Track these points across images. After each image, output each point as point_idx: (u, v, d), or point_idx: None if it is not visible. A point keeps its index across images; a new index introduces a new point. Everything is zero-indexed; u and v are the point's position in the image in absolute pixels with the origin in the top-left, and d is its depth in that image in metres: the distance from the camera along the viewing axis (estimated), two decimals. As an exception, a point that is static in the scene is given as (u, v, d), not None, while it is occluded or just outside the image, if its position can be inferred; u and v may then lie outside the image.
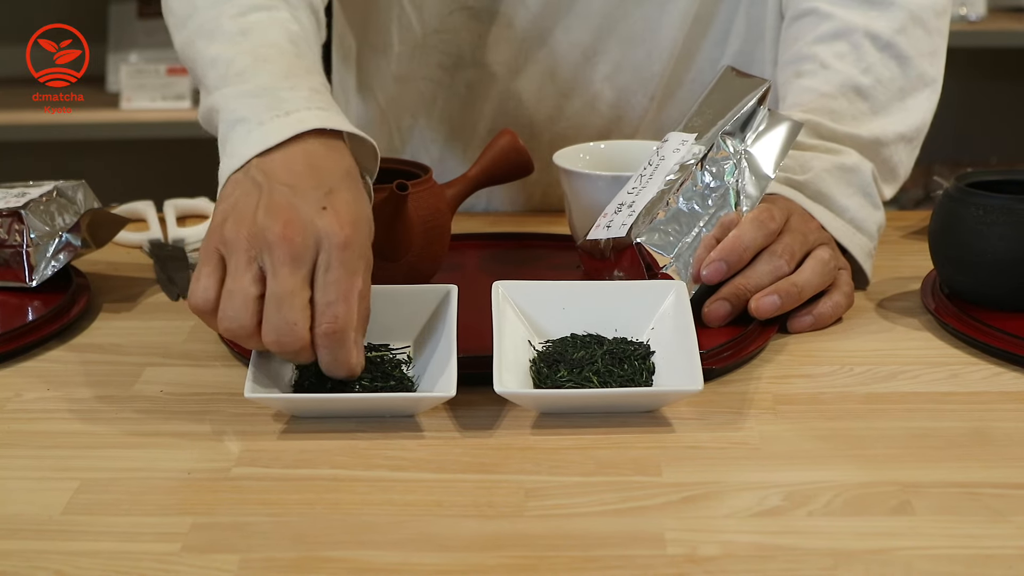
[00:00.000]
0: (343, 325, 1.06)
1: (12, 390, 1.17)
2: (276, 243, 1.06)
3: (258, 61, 1.22)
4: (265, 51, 1.23)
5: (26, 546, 0.92)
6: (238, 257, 1.07)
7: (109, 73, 3.16)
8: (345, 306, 1.06)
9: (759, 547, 0.91)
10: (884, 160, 1.40)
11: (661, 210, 1.25)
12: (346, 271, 1.07)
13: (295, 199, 1.09)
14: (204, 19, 1.28)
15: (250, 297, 1.07)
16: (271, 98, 1.17)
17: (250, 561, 0.90)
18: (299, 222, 1.07)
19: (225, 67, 1.22)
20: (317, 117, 1.15)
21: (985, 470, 1.02)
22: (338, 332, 1.06)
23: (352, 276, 1.07)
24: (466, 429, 1.08)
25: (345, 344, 1.07)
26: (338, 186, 1.11)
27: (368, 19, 1.65)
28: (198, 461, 1.04)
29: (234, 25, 1.26)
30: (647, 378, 1.13)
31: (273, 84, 1.19)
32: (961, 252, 1.26)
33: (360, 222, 1.09)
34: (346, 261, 1.07)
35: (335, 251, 1.07)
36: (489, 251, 1.48)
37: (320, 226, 1.07)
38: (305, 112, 1.16)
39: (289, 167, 1.12)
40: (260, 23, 1.26)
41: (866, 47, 1.42)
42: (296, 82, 1.20)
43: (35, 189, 1.38)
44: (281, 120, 1.15)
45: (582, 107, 1.62)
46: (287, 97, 1.17)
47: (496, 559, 0.91)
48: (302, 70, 1.22)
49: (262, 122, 1.15)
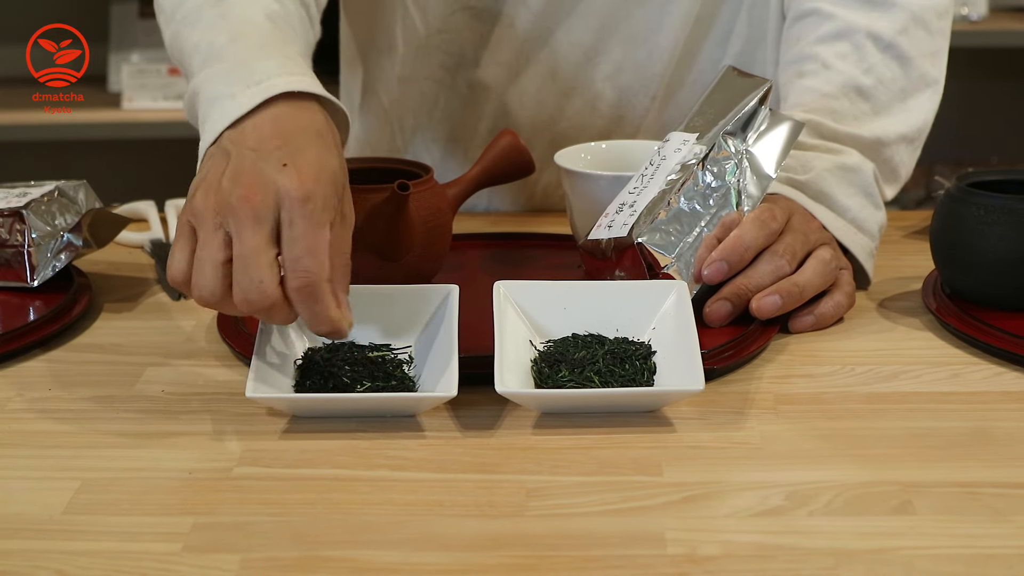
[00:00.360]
0: (314, 278, 1.06)
1: (13, 390, 1.17)
2: (237, 206, 1.07)
3: (234, 39, 1.23)
4: (241, 28, 1.24)
5: (27, 545, 0.92)
6: (205, 226, 1.08)
7: (111, 73, 3.16)
8: (312, 258, 1.06)
9: (760, 547, 0.91)
10: (885, 160, 1.40)
11: (662, 210, 1.25)
12: (310, 224, 1.06)
13: (258, 162, 1.09)
14: (188, 9, 1.29)
15: (217, 263, 1.07)
16: (244, 71, 1.18)
17: (251, 561, 0.90)
18: (259, 183, 1.07)
19: (206, 50, 1.23)
20: (287, 82, 1.16)
21: (986, 470, 1.02)
22: (309, 286, 1.06)
23: (317, 228, 1.07)
24: (467, 429, 1.08)
25: (320, 297, 1.06)
26: (303, 144, 1.11)
27: (373, 21, 1.65)
28: (199, 461, 1.04)
29: (214, 10, 1.27)
30: (648, 378, 1.13)
31: (247, 57, 1.20)
32: (962, 252, 1.26)
33: (322, 175, 1.09)
34: (309, 214, 1.07)
35: (295, 205, 1.06)
36: (490, 251, 1.48)
37: (280, 183, 1.07)
38: (276, 79, 1.16)
39: (257, 133, 1.12)
40: (239, 4, 1.26)
41: (868, 47, 1.42)
42: (271, 51, 1.20)
43: (36, 189, 1.38)
44: (252, 90, 1.15)
45: (583, 107, 1.62)
46: (259, 67, 1.17)
47: (497, 559, 0.91)
48: (278, 41, 1.23)
49: (234, 95, 1.15)
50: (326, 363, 1.13)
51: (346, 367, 1.13)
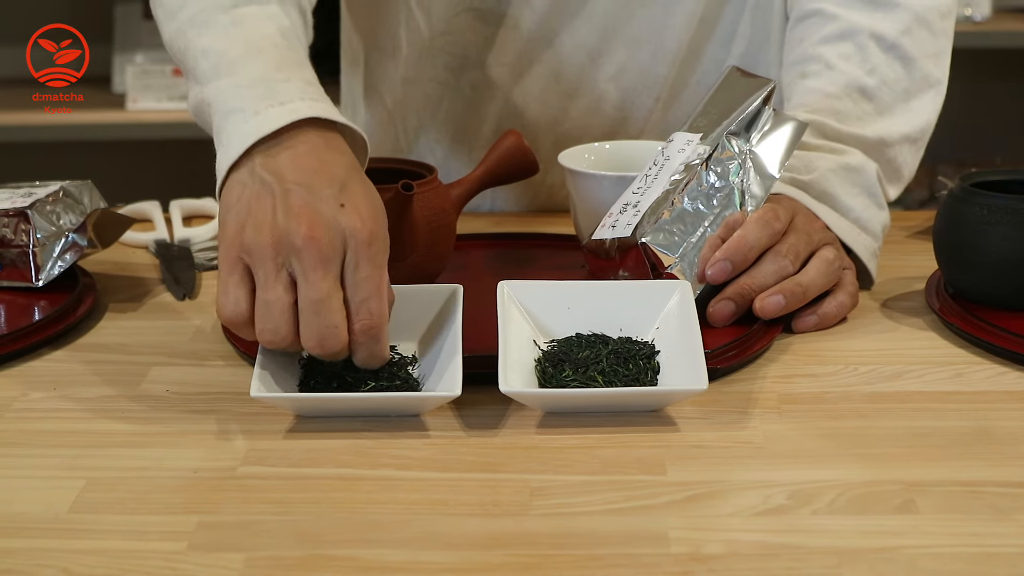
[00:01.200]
0: (378, 320, 1.08)
1: (18, 390, 1.17)
2: (304, 247, 1.06)
3: (251, 52, 1.22)
4: (258, 43, 1.23)
5: (32, 544, 0.93)
6: (266, 265, 1.07)
7: (115, 74, 3.16)
8: (378, 302, 1.08)
9: (763, 546, 0.92)
10: (889, 161, 1.40)
11: (666, 210, 1.25)
12: (374, 266, 1.08)
13: (311, 199, 1.09)
14: (195, 10, 1.28)
15: (287, 306, 1.07)
16: (265, 88, 1.17)
17: (256, 560, 0.91)
18: (322, 223, 1.07)
19: (217, 58, 1.22)
20: (311, 107, 1.15)
21: (989, 469, 1.02)
22: (375, 328, 1.08)
23: (380, 270, 1.08)
24: (471, 428, 1.09)
25: (381, 338, 1.08)
26: (348, 180, 1.11)
27: (376, 23, 1.65)
28: (204, 460, 1.04)
29: (226, 17, 1.26)
30: (652, 377, 1.13)
31: (266, 75, 1.19)
32: (965, 252, 1.26)
33: (379, 215, 1.10)
34: (373, 256, 1.08)
35: (362, 248, 1.07)
36: (494, 251, 1.48)
37: (344, 224, 1.08)
38: (299, 102, 1.15)
39: (296, 165, 1.11)
40: (252, 15, 1.26)
41: (871, 48, 1.42)
42: (289, 74, 1.20)
43: (41, 189, 1.39)
44: (276, 110, 1.14)
45: (587, 108, 1.62)
46: (281, 88, 1.17)
47: (501, 558, 0.91)
48: (294, 63, 1.22)
49: (257, 111, 1.15)
50: (330, 363, 1.13)
51: (350, 367, 1.13)
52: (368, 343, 1.08)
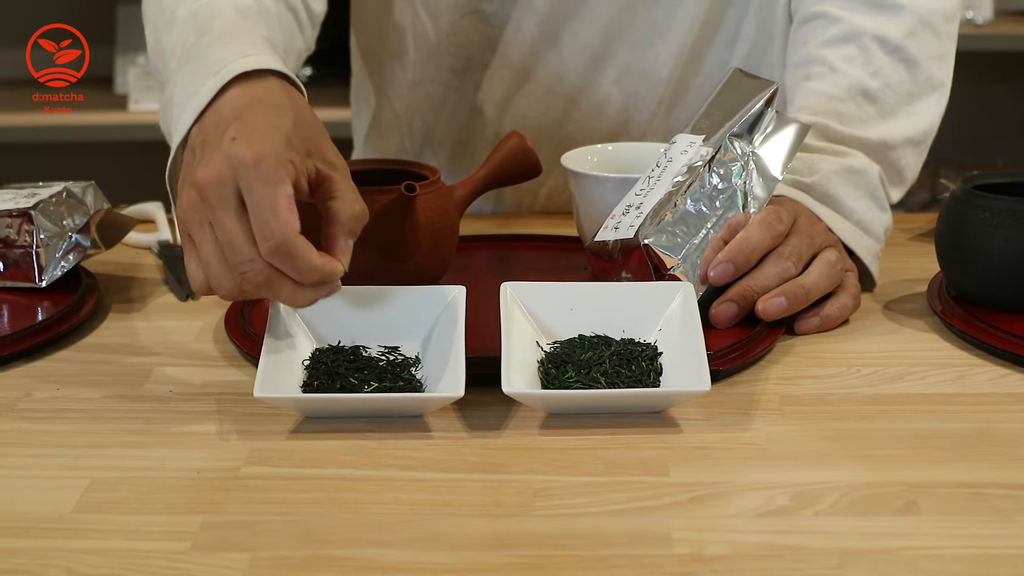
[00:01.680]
0: (281, 236, 1.05)
1: (22, 390, 1.17)
2: (204, 193, 1.06)
3: (200, 36, 1.23)
4: (207, 24, 1.24)
5: (36, 544, 0.93)
6: (193, 227, 1.08)
7: (117, 75, 3.16)
8: (276, 218, 1.04)
9: (766, 547, 0.92)
10: (891, 163, 1.40)
11: (669, 212, 1.25)
12: (266, 184, 1.05)
13: (209, 147, 1.09)
14: (167, 14, 1.29)
15: (218, 260, 1.07)
16: (205, 66, 1.18)
17: (259, 560, 0.91)
18: (214, 164, 1.07)
19: (180, 53, 1.24)
20: (242, 64, 1.15)
21: (991, 471, 1.02)
22: (280, 245, 1.05)
23: (275, 186, 1.05)
24: (474, 429, 1.09)
25: (295, 253, 1.05)
26: (252, 116, 1.10)
27: (384, 28, 1.65)
28: (207, 460, 1.04)
29: (186, 11, 1.27)
30: (655, 379, 1.13)
31: (208, 51, 1.20)
32: (967, 254, 1.26)
33: (273, 135, 1.08)
34: (262, 175, 1.05)
35: (248, 171, 1.05)
36: (497, 252, 1.48)
37: (230, 155, 1.07)
38: (232, 64, 1.16)
39: (215, 119, 1.12)
40: (209, 3, 1.27)
41: (875, 51, 1.42)
42: (230, 39, 1.20)
43: (45, 190, 1.39)
44: (211, 82, 1.15)
45: (590, 111, 1.62)
46: (217, 58, 1.17)
47: (504, 558, 0.91)
48: (242, 29, 1.23)
49: (197, 91, 1.15)
50: (333, 363, 1.13)
51: (353, 368, 1.13)
52: (284, 263, 1.06)
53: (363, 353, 1.16)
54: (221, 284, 1.08)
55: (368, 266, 1.22)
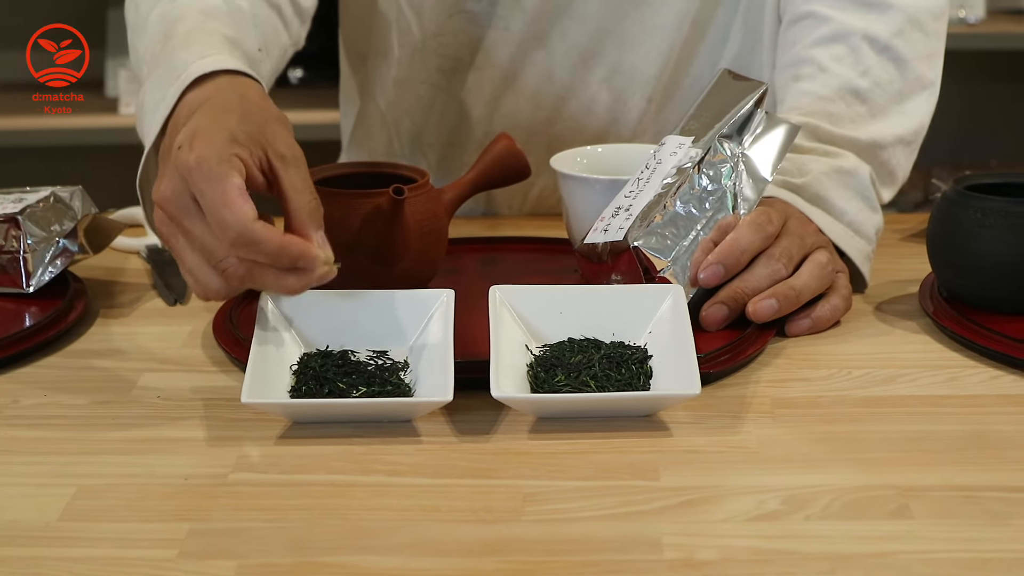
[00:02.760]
0: (237, 226, 1.05)
1: (9, 396, 1.17)
2: (166, 206, 1.08)
3: (166, 40, 1.24)
4: (173, 28, 1.25)
5: (23, 552, 0.92)
6: (169, 241, 1.10)
7: (108, 78, 3.16)
8: (227, 209, 1.05)
9: (757, 551, 0.91)
10: (882, 163, 1.39)
11: (658, 213, 1.25)
12: (211, 181, 1.06)
13: (164, 163, 1.10)
14: (141, 19, 1.30)
15: (198, 264, 1.09)
16: (168, 69, 1.19)
17: (247, 567, 0.90)
18: (165, 178, 1.08)
19: (151, 59, 1.25)
20: (198, 67, 1.17)
21: (983, 473, 1.01)
22: (240, 235, 1.05)
23: (220, 181, 1.06)
24: (463, 434, 1.08)
25: (257, 239, 1.05)
26: (196, 119, 1.11)
27: (370, 26, 1.65)
28: (195, 467, 1.04)
29: (157, 15, 1.28)
30: (645, 382, 1.12)
31: (171, 56, 1.21)
32: (960, 255, 1.26)
33: (213, 135, 1.09)
34: (206, 174, 1.06)
35: (193, 175, 1.06)
36: (486, 255, 1.48)
37: (179, 165, 1.07)
38: (190, 67, 1.17)
39: (172, 129, 1.14)
40: (178, 5, 1.27)
41: (864, 50, 1.42)
42: (191, 41, 1.21)
43: (32, 195, 1.38)
44: (172, 88, 1.16)
45: (579, 109, 1.61)
46: (178, 61, 1.19)
47: (494, 564, 0.90)
48: (204, 31, 1.24)
49: (164, 98, 1.17)
50: (322, 368, 1.13)
51: (342, 372, 1.13)
52: (249, 251, 1.06)
53: (351, 357, 1.16)
54: (209, 286, 1.09)
55: (356, 270, 1.21)
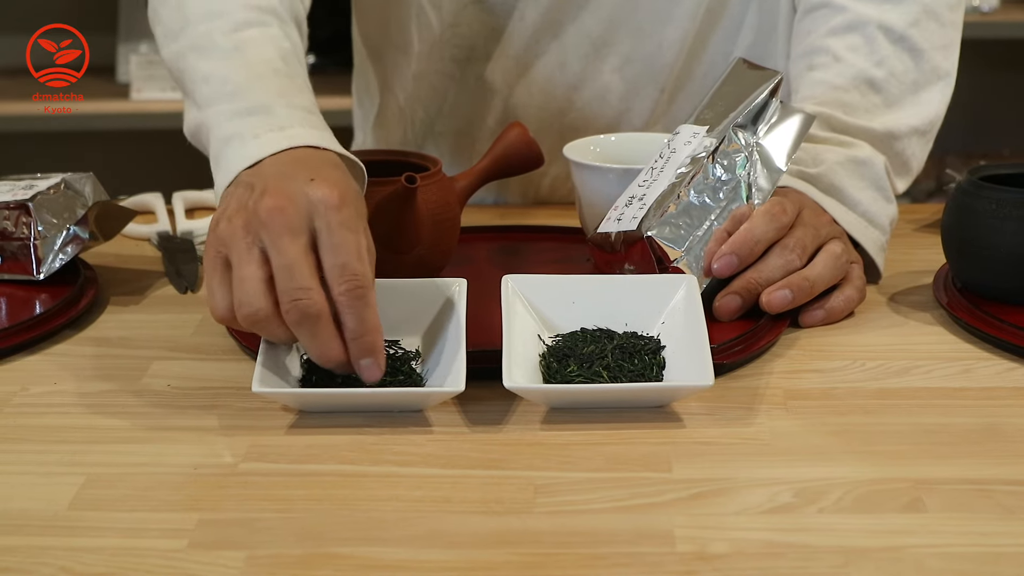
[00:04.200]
0: (362, 280, 1.05)
1: (19, 384, 1.16)
2: (268, 219, 1.05)
3: (252, 79, 1.22)
4: (259, 69, 1.23)
5: (31, 542, 0.92)
6: (237, 247, 1.06)
7: (119, 64, 3.15)
8: (359, 262, 1.05)
9: (769, 544, 0.91)
10: (897, 153, 1.39)
11: (672, 203, 1.24)
12: (349, 229, 1.06)
13: (282, 181, 1.08)
14: (196, 33, 1.28)
15: (258, 279, 1.05)
16: (266, 115, 1.18)
17: (257, 557, 0.90)
18: (287, 195, 1.06)
19: (220, 84, 1.23)
20: (310, 135, 1.16)
21: (998, 467, 1.01)
22: (359, 288, 1.05)
23: (356, 234, 1.06)
24: (475, 424, 1.08)
25: (370, 301, 1.05)
26: (323, 167, 1.11)
27: (387, 20, 1.64)
28: (205, 456, 1.03)
29: (227, 41, 1.26)
30: (657, 373, 1.12)
31: (268, 102, 1.19)
32: (974, 246, 1.25)
33: (350, 190, 1.09)
34: (346, 220, 1.06)
35: (332, 213, 1.05)
36: (498, 244, 1.47)
37: (311, 194, 1.06)
38: (300, 129, 1.16)
39: (276, 162, 1.13)
40: (253, 40, 1.26)
41: (879, 40, 1.41)
42: (290, 100, 1.20)
43: (43, 181, 1.38)
44: (276, 134, 1.15)
45: (592, 99, 1.61)
46: (282, 114, 1.18)
47: (504, 556, 0.90)
48: (295, 89, 1.23)
49: (257, 135, 1.16)
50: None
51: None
52: (354, 306, 1.05)
53: (363, 347, 1.15)
54: (248, 303, 1.05)
55: (368, 259, 1.21)
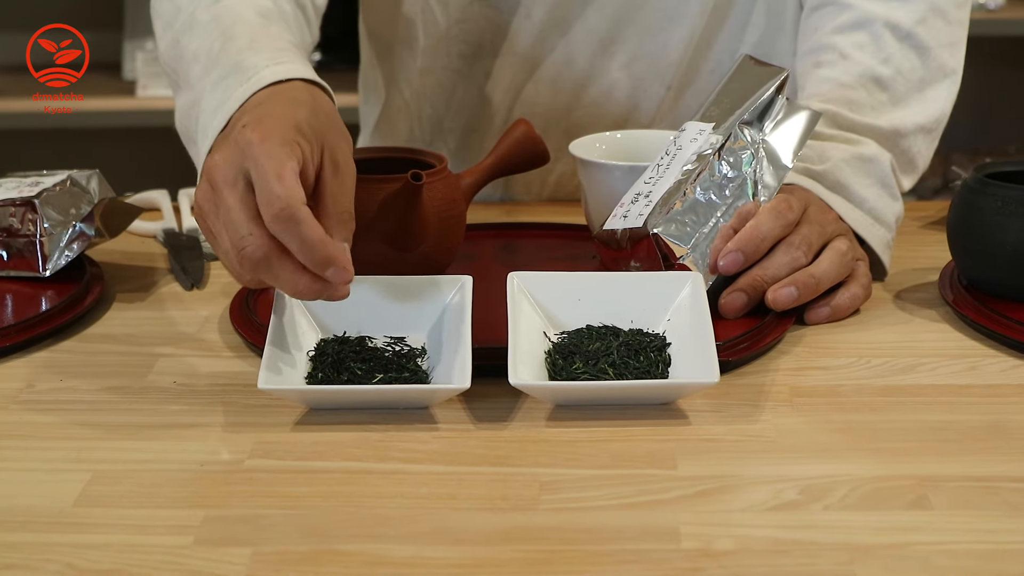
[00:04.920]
0: (286, 201, 1.02)
1: (24, 380, 1.16)
2: (210, 176, 1.07)
3: (227, 42, 1.23)
4: (233, 30, 1.25)
5: (37, 538, 0.92)
6: (209, 220, 1.09)
7: (125, 61, 3.15)
8: (280, 183, 1.02)
9: (775, 541, 0.91)
10: (903, 151, 1.39)
11: (678, 200, 1.24)
12: (271, 158, 1.04)
13: (227, 137, 1.10)
14: (185, 16, 1.29)
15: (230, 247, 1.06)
16: (236, 73, 1.18)
17: (262, 554, 0.90)
18: (224, 148, 1.08)
19: (205, 58, 1.24)
20: (274, 72, 1.17)
21: (1003, 464, 1.01)
22: (284, 209, 1.02)
23: (280, 160, 1.04)
24: (480, 421, 1.08)
25: (300, 219, 1.02)
26: (263, 104, 1.12)
27: (395, 16, 1.64)
28: (211, 453, 1.04)
29: (207, 14, 1.28)
30: (663, 370, 1.12)
31: (238, 59, 1.20)
32: (980, 243, 1.25)
33: (282, 122, 1.07)
34: (267, 151, 1.04)
35: (253, 149, 1.05)
36: (504, 241, 1.47)
37: (239, 139, 1.07)
38: (264, 71, 1.17)
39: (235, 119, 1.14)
40: (230, 6, 1.27)
41: (886, 37, 1.41)
42: (260, 47, 1.21)
43: (49, 178, 1.38)
44: (242, 88, 1.16)
45: (598, 96, 1.61)
46: (248, 65, 1.18)
47: (510, 552, 0.90)
48: (268, 35, 1.24)
49: (228, 98, 1.16)
50: (338, 355, 1.13)
51: (359, 359, 1.12)
52: (287, 229, 1.02)
53: (369, 344, 1.15)
54: (240, 275, 1.08)
55: (374, 256, 1.21)
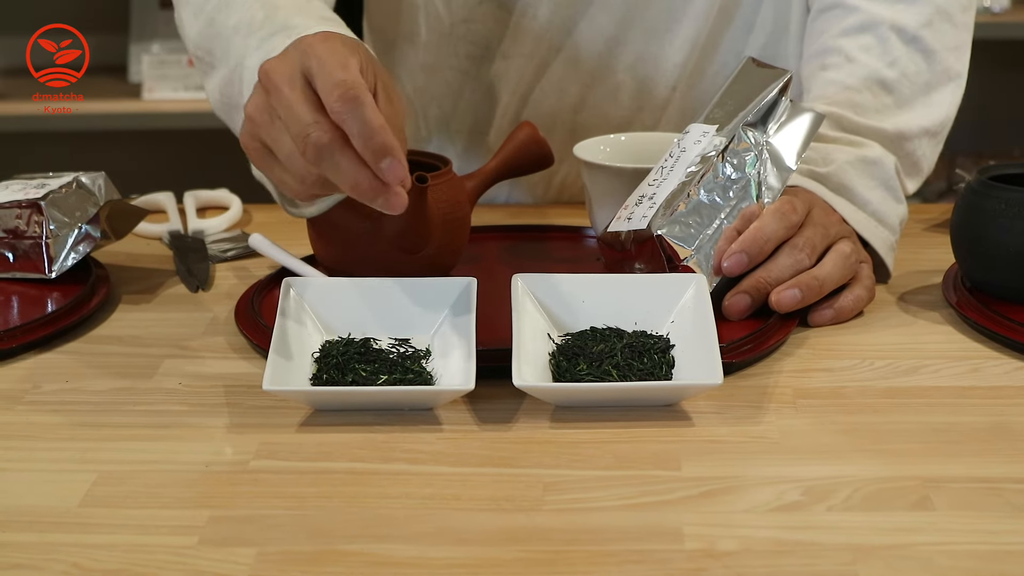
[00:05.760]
0: (351, 85, 1.03)
1: (31, 382, 1.17)
2: (267, 82, 1.08)
3: (272, 10, 1.26)
4: (275, 1, 1.27)
5: (43, 538, 0.92)
6: (263, 131, 1.09)
7: (131, 63, 3.16)
8: (344, 71, 1.04)
9: (778, 542, 0.91)
10: (907, 154, 1.39)
11: (682, 202, 1.24)
12: (334, 54, 1.06)
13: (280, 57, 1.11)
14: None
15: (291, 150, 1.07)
16: (283, 32, 1.21)
17: (267, 555, 0.90)
18: (283, 61, 1.08)
19: (246, 28, 1.26)
20: (319, 25, 1.18)
21: (1006, 465, 1.01)
22: (349, 91, 1.03)
23: (342, 54, 1.06)
24: (484, 422, 1.08)
25: (364, 100, 1.03)
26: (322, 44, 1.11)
27: (397, 8, 1.65)
28: (216, 454, 1.04)
29: None
30: (667, 371, 1.12)
31: (286, 21, 1.23)
32: (983, 246, 1.25)
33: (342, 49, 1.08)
34: (329, 49, 1.06)
35: (315, 48, 1.06)
36: (509, 243, 1.47)
37: (299, 45, 1.08)
38: (313, 27, 1.18)
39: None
40: None
41: (892, 40, 1.41)
42: (306, 14, 1.24)
43: (55, 180, 1.38)
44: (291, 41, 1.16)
45: (604, 97, 1.61)
46: (296, 23, 1.21)
47: (514, 553, 0.90)
48: (311, 7, 1.26)
49: (276, 48, 1.16)
50: (343, 356, 1.13)
51: (363, 360, 1.12)
52: (349, 110, 1.03)
53: (373, 345, 1.16)
54: (294, 173, 1.08)
55: (379, 257, 1.21)
